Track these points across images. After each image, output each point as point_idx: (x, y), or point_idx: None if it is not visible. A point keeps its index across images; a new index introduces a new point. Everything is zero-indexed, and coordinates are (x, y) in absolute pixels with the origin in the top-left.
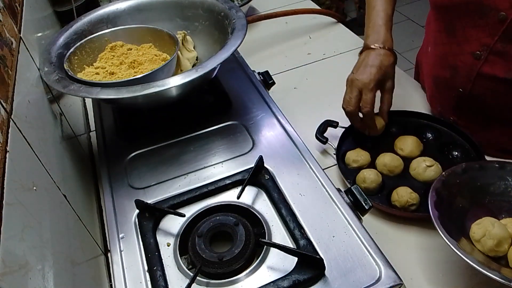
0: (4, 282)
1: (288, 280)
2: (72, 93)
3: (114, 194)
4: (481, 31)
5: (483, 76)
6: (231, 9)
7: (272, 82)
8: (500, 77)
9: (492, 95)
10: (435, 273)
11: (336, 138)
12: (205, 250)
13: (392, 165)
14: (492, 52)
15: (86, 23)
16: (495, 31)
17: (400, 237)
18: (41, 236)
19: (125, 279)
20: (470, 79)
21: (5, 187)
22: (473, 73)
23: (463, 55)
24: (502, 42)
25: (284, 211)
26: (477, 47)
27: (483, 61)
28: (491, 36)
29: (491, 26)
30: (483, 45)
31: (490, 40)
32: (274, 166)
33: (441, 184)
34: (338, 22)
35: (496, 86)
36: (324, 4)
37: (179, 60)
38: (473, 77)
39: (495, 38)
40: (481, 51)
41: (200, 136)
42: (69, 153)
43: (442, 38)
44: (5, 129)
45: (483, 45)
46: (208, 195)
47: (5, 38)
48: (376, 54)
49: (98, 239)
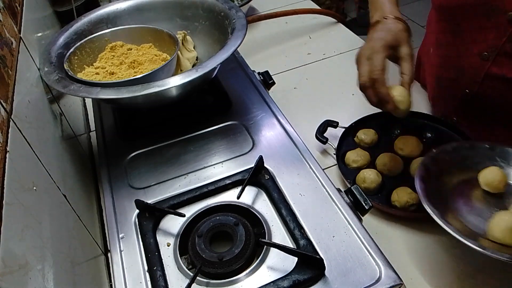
0: (4, 282)
1: (288, 280)
2: (72, 93)
3: (114, 194)
4: (488, 32)
5: (491, 77)
6: (231, 9)
7: (272, 82)
8: (509, 77)
9: (499, 95)
10: (435, 273)
11: (336, 138)
12: (205, 250)
13: (392, 165)
14: (500, 53)
15: (86, 23)
16: (503, 32)
17: (400, 237)
18: (41, 236)
19: (125, 279)
20: (477, 80)
21: (5, 187)
22: (480, 74)
23: (470, 57)
24: (511, 43)
25: (284, 211)
26: (485, 48)
27: (491, 62)
28: (499, 37)
29: (499, 27)
30: (490, 46)
31: (498, 41)
32: (274, 166)
33: (430, 159)
34: (338, 22)
35: (504, 86)
36: (324, 4)
37: (179, 60)
38: (480, 78)
39: (503, 39)
40: (489, 52)
41: (200, 136)
42: (69, 153)
43: (446, 39)
44: (5, 129)
45: (490, 47)
46: (208, 195)
47: (5, 38)
48: (382, 24)
49: (98, 239)
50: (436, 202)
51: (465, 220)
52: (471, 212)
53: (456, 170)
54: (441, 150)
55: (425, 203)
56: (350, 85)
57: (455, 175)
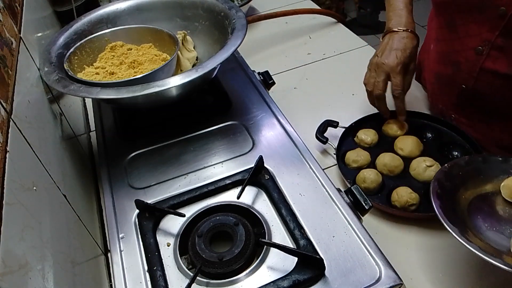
0: (4, 282)
1: (288, 280)
2: (72, 93)
3: (114, 194)
4: (481, 26)
5: (486, 72)
6: (231, 9)
7: (272, 82)
8: (502, 73)
9: (494, 91)
10: (435, 273)
11: (336, 138)
12: (205, 250)
13: (392, 165)
14: (494, 47)
15: (86, 23)
16: (495, 26)
17: (400, 237)
18: (41, 236)
19: (125, 279)
20: (473, 75)
21: (5, 187)
22: (475, 68)
23: (465, 51)
24: (503, 37)
25: (284, 211)
26: (479, 42)
27: (485, 57)
28: (491, 31)
29: (491, 21)
30: (484, 40)
31: (491, 35)
32: (274, 166)
33: (443, 175)
34: (338, 22)
35: (498, 82)
36: (324, 4)
37: (179, 60)
38: (475, 73)
39: (495, 33)
40: (483, 46)
41: (200, 136)
42: (69, 153)
43: (443, 34)
44: (5, 129)
45: (484, 40)
46: (208, 195)
47: (5, 38)
48: (399, 37)
49: (98, 239)
50: (454, 219)
51: (485, 237)
52: (492, 228)
53: (471, 185)
54: (453, 165)
55: (444, 222)
56: (350, 85)
57: (470, 189)
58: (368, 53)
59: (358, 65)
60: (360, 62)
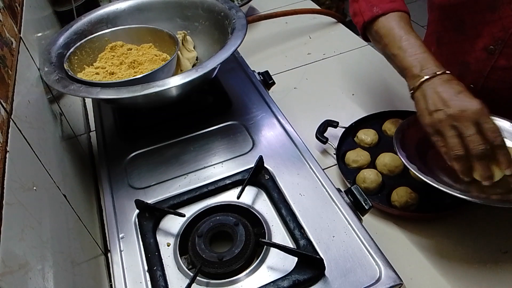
0: (4, 282)
1: (288, 280)
2: (72, 93)
3: (114, 194)
4: (493, 25)
5: (499, 69)
6: (231, 9)
7: (272, 82)
8: None
9: (507, 88)
10: (435, 273)
11: (336, 138)
12: (205, 250)
13: (392, 165)
14: (507, 45)
15: (86, 23)
16: (508, 24)
17: (400, 237)
18: (41, 236)
19: (125, 279)
20: (483, 74)
21: (5, 187)
22: (486, 67)
23: (475, 52)
24: None
25: (284, 211)
26: (490, 42)
27: (497, 55)
28: (504, 30)
29: (504, 20)
30: (497, 39)
31: (504, 33)
32: (274, 166)
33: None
34: (338, 22)
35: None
36: (324, 4)
37: (179, 60)
38: (486, 72)
39: (509, 31)
40: (495, 45)
41: (200, 136)
42: (69, 153)
43: (449, 37)
44: (5, 129)
45: (497, 40)
46: (208, 195)
47: (5, 38)
48: (443, 80)
49: (98, 239)
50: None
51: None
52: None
53: None
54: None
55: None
56: (350, 85)
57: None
58: (368, 53)
59: (358, 65)
60: (360, 62)
